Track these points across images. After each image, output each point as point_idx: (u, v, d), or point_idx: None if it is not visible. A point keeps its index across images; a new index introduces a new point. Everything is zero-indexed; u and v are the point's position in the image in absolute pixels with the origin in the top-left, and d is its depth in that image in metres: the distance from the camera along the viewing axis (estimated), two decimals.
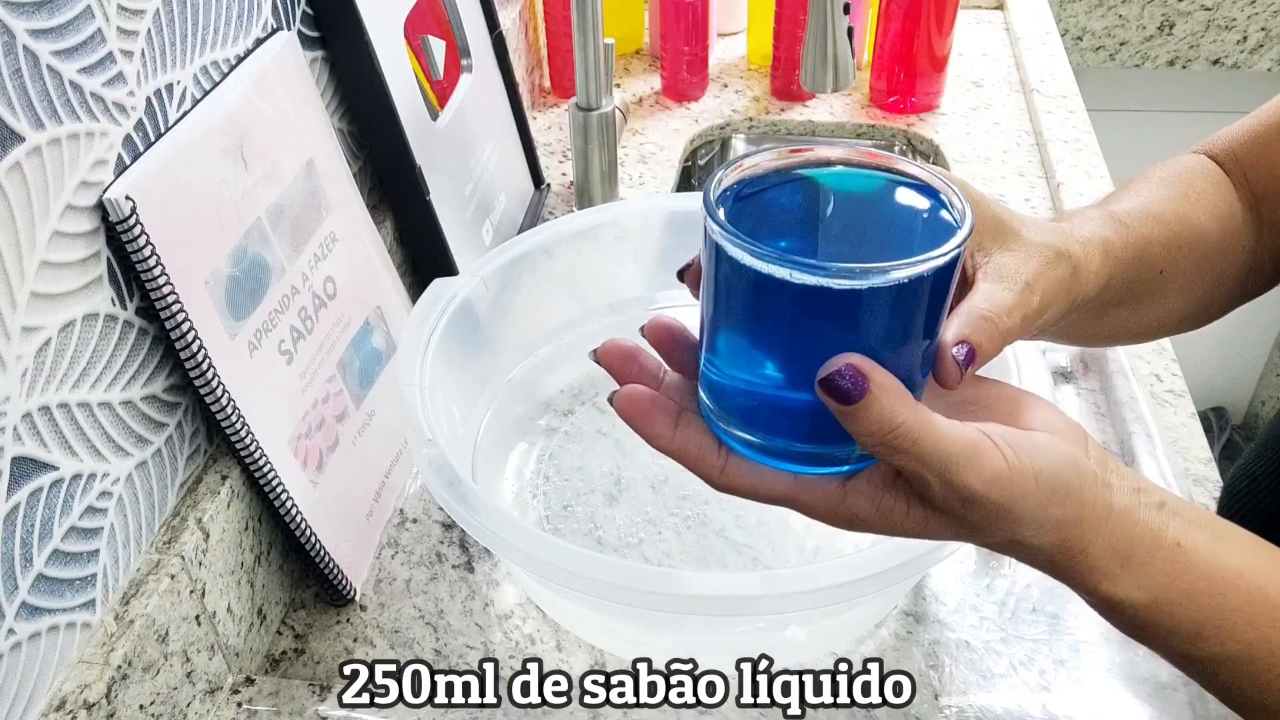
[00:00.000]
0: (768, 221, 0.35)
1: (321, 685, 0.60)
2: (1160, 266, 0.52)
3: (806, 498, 0.38)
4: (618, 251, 0.83)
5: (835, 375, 0.33)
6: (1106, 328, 0.53)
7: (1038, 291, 0.42)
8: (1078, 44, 1.72)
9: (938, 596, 0.65)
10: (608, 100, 0.95)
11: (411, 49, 0.79)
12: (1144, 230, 0.51)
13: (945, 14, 1.13)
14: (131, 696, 0.51)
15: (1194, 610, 0.38)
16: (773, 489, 0.38)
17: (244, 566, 0.61)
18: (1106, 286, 0.48)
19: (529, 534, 0.56)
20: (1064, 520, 0.37)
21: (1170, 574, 0.38)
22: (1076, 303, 0.46)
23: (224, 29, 0.60)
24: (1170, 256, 0.52)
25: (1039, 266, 0.43)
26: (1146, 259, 0.51)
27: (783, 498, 0.38)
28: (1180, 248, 0.53)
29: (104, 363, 0.51)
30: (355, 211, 0.71)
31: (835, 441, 0.36)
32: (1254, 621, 0.38)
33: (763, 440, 0.37)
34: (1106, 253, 0.48)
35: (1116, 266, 0.49)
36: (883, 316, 0.33)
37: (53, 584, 0.49)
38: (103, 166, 0.51)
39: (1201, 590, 0.38)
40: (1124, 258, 0.49)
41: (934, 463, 0.34)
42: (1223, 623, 0.38)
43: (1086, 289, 0.46)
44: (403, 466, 0.74)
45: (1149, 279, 0.52)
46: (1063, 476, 0.37)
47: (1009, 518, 0.36)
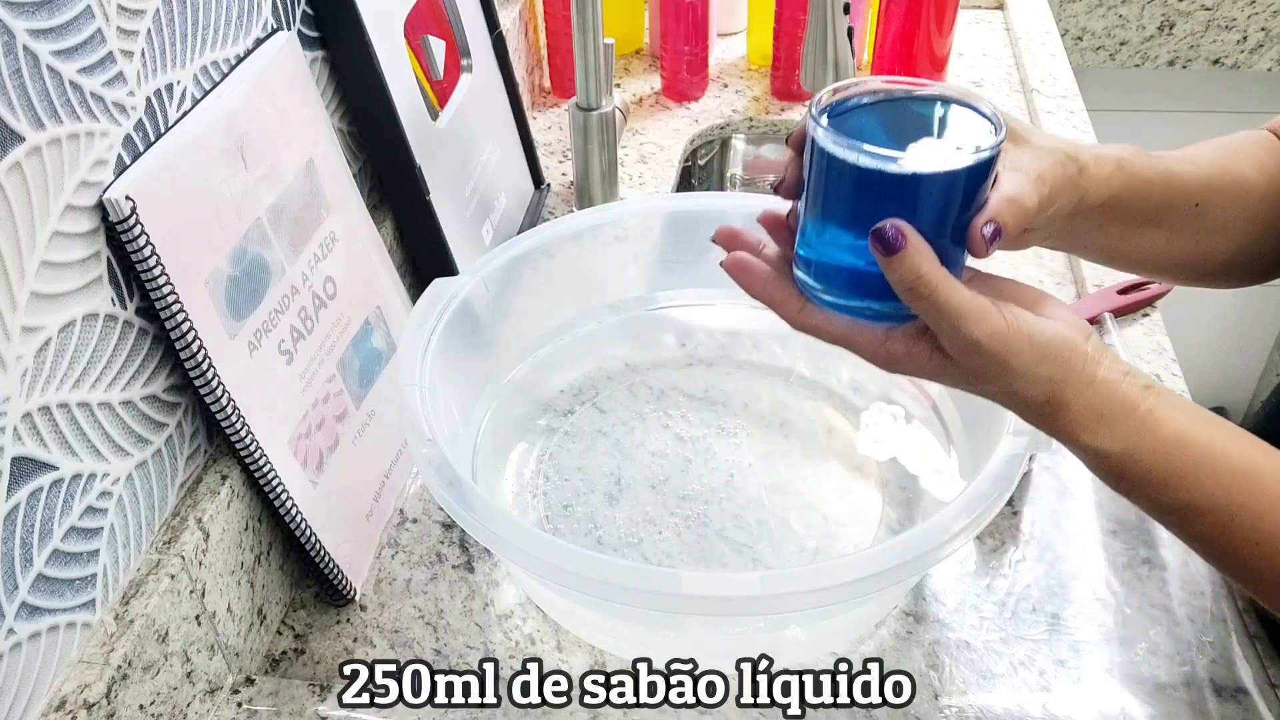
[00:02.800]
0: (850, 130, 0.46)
1: (321, 685, 0.60)
2: (1195, 200, 0.57)
3: (859, 338, 0.48)
4: (618, 251, 0.83)
5: (882, 229, 0.44)
6: (1142, 247, 0.58)
7: (1048, 183, 0.50)
8: (1078, 44, 1.72)
9: (938, 596, 0.65)
10: (608, 100, 0.95)
11: (411, 49, 0.79)
12: (1173, 165, 0.57)
13: (945, 14, 1.13)
14: (131, 696, 0.51)
15: (1160, 461, 0.46)
16: (835, 329, 0.48)
17: (244, 566, 0.61)
18: (1121, 197, 0.54)
19: (529, 534, 0.56)
20: (1051, 378, 0.46)
21: (1140, 432, 0.46)
22: (1086, 202, 0.53)
23: (224, 29, 0.60)
24: (1208, 195, 0.57)
25: (1048, 163, 0.50)
26: (1176, 187, 0.56)
27: (842, 337, 0.48)
28: (1220, 190, 0.57)
29: (104, 363, 0.51)
30: (355, 211, 0.72)
31: (885, 298, 0.46)
32: (1216, 474, 0.46)
33: (833, 296, 0.48)
34: (1121, 167, 0.54)
35: (1134, 183, 0.54)
36: (929, 198, 0.44)
37: (53, 584, 0.49)
38: (103, 166, 0.51)
39: (1169, 447, 0.46)
40: (1144, 177, 0.55)
41: (947, 312, 0.44)
42: (1186, 474, 0.46)
43: (1096, 191, 0.53)
44: (403, 466, 0.74)
45: (1182, 208, 0.57)
46: (1055, 344, 0.45)
47: (1004, 369, 0.45)
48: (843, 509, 0.71)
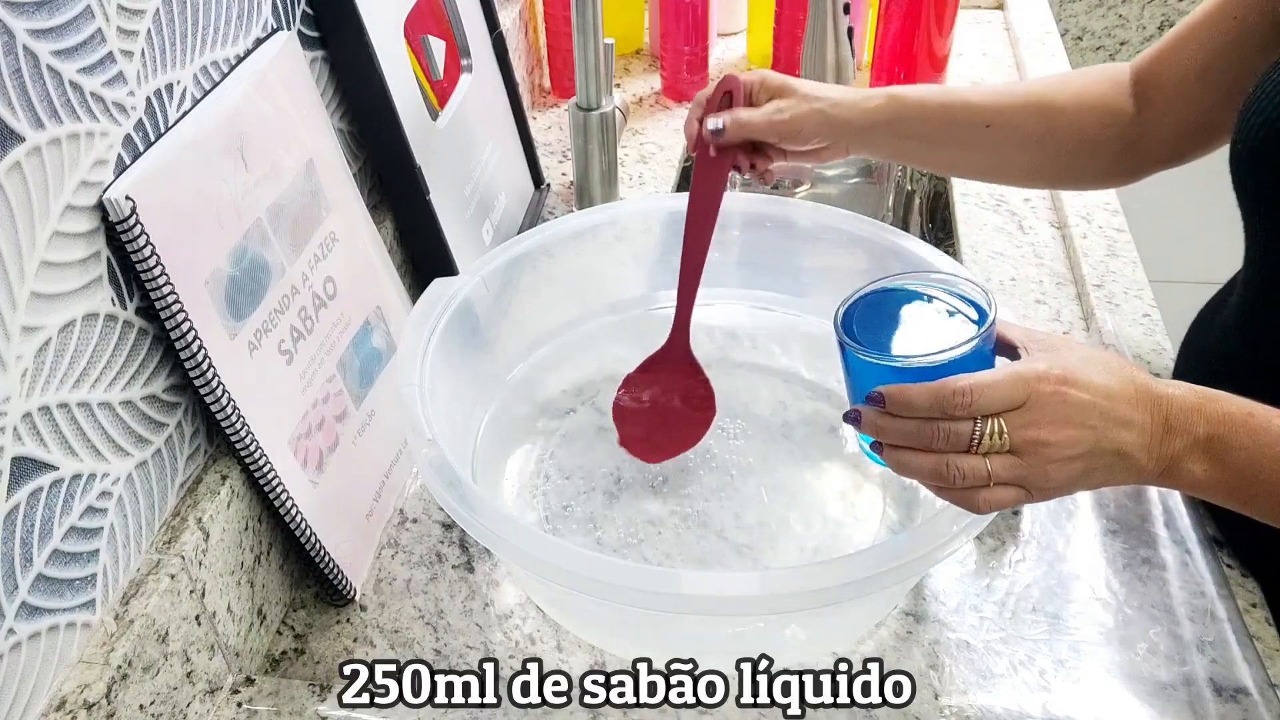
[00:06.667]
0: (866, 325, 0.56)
1: (321, 685, 0.60)
2: (986, 121, 0.71)
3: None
4: (618, 251, 0.83)
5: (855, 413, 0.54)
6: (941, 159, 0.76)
7: (786, 112, 0.69)
8: (1078, 44, 1.72)
9: (938, 596, 0.65)
10: (608, 100, 0.95)
11: (411, 49, 0.79)
12: (964, 95, 0.72)
13: (945, 14, 1.14)
14: (131, 696, 0.51)
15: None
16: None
17: (244, 566, 0.61)
18: (898, 120, 0.71)
19: (529, 534, 0.56)
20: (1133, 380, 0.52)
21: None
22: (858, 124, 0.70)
23: (224, 29, 0.60)
24: (1000, 117, 0.71)
25: (793, 101, 0.69)
26: (960, 111, 0.71)
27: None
28: (1015, 111, 0.71)
29: (104, 363, 0.51)
30: (355, 211, 0.72)
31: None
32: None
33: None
34: (892, 98, 0.70)
35: (907, 109, 0.71)
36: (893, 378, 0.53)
37: (53, 584, 0.49)
38: (103, 166, 0.51)
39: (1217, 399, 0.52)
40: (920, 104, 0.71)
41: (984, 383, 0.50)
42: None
43: (860, 118, 0.70)
44: (403, 466, 0.74)
45: (970, 127, 0.72)
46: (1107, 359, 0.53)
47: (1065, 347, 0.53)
48: (843, 509, 0.71)
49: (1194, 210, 1.83)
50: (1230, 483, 0.51)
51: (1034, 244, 0.96)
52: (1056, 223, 0.99)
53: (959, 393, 0.49)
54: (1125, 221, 0.96)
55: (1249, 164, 0.60)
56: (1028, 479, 0.50)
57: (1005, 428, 0.49)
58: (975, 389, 0.49)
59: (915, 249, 0.73)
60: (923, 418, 0.50)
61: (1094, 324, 0.85)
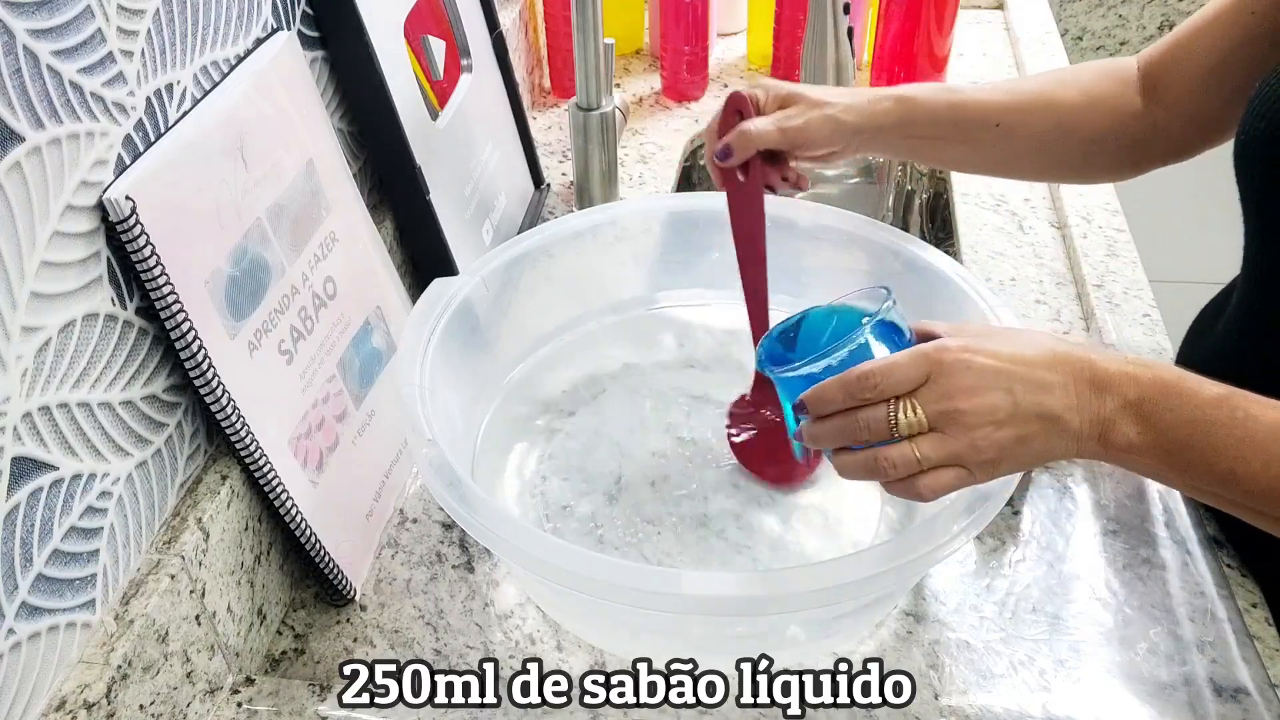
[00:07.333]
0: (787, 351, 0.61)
1: (321, 685, 0.60)
2: (996, 120, 0.72)
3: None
4: (618, 251, 0.83)
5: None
6: (950, 157, 0.77)
7: (797, 119, 0.68)
8: (1078, 44, 1.72)
9: (938, 596, 0.65)
10: (608, 100, 0.95)
11: (411, 49, 0.79)
12: (972, 94, 0.72)
13: (945, 14, 1.14)
14: (131, 696, 0.51)
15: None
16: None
17: (244, 566, 0.61)
18: (909, 122, 0.71)
19: (529, 534, 0.56)
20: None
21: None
22: (870, 126, 0.70)
23: (224, 29, 0.60)
24: (1009, 116, 0.72)
25: (803, 108, 0.69)
26: (971, 111, 0.72)
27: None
28: (1025, 110, 0.72)
29: (104, 363, 0.51)
30: (355, 211, 0.72)
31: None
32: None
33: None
34: (900, 100, 0.71)
35: (915, 111, 0.71)
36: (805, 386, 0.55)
37: (53, 584, 0.49)
38: (103, 166, 0.51)
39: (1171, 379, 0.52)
40: (928, 106, 0.71)
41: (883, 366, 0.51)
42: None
43: (869, 121, 0.70)
44: (403, 466, 0.74)
45: (980, 127, 0.72)
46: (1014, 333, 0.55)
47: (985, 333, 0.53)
48: (843, 509, 0.71)
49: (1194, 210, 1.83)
50: (1163, 445, 0.50)
51: (1034, 244, 0.96)
52: (1056, 223, 0.99)
53: (864, 376, 0.51)
54: (1125, 221, 0.96)
55: (1252, 154, 0.60)
56: (960, 455, 0.50)
57: (919, 404, 0.50)
58: (879, 370, 0.51)
59: (915, 249, 0.73)
60: (841, 411, 0.52)
61: (1094, 324, 0.85)
